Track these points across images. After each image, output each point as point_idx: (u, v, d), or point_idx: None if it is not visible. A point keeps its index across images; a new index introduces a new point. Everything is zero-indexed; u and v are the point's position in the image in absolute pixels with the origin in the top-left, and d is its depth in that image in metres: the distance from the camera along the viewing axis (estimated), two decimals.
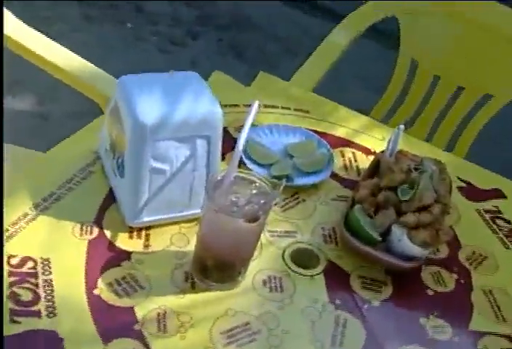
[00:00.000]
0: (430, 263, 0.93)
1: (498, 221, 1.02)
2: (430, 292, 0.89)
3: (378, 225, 0.89)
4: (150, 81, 0.83)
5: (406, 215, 0.88)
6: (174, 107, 0.80)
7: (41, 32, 1.23)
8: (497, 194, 1.08)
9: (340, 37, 1.43)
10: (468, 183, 1.09)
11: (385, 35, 1.89)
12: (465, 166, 1.15)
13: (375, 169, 0.99)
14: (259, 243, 0.89)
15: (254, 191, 0.76)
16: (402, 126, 0.99)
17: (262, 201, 0.75)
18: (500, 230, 1.01)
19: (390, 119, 1.48)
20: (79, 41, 1.93)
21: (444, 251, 0.96)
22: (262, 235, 0.90)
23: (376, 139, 1.13)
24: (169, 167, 0.82)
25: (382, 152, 1.01)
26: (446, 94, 1.45)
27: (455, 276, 0.93)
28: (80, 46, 1.27)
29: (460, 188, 1.07)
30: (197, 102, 0.82)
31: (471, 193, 1.07)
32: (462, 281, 0.92)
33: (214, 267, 0.80)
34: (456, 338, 0.84)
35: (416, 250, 0.87)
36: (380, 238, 0.88)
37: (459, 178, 1.09)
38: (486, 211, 1.04)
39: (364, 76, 2.28)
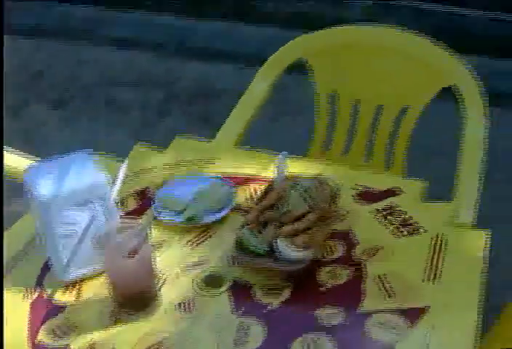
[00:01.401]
0: (326, 264, 1.08)
1: (389, 217, 1.17)
2: (324, 288, 1.04)
3: (263, 241, 1.05)
4: (47, 167, 1.05)
5: (284, 227, 1.05)
6: (66, 182, 1.00)
7: None
8: (394, 192, 1.23)
9: (260, 86, 1.61)
10: (366, 187, 1.24)
11: None
12: (364, 175, 1.30)
13: (266, 194, 1.16)
14: (171, 276, 1.07)
15: (136, 231, 0.95)
16: (285, 152, 1.17)
17: (138, 238, 0.94)
18: (391, 224, 1.15)
19: (326, 152, 1.63)
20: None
21: (339, 251, 1.11)
22: (175, 269, 1.08)
23: None
24: (77, 229, 1.02)
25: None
26: (368, 115, 1.59)
27: (350, 269, 1.07)
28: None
29: (357, 194, 1.22)
30: (84, 174, 1.02)
31: (368, 196, 1.22)
32: (355, 273, 1.07)
33: (125, 302, 0.98)
34: (347, 321, 0.99)
35: (298, 253, 1.03)
36: (266, 250, 1.04)
37: (357, 184, 1.24)
38: (381, 210, 1.19)
39: None
